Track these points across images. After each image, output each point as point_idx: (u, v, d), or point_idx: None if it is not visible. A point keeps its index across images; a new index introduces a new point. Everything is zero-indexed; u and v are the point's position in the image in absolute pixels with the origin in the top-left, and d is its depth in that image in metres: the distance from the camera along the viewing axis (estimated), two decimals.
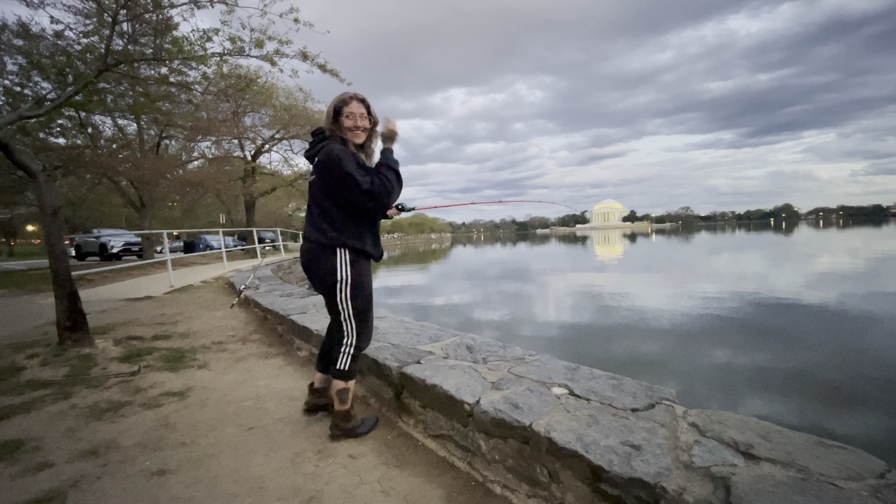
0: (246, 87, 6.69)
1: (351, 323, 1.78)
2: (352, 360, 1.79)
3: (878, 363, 4.88)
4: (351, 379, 1.80)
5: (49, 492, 1.50)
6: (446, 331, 2.70)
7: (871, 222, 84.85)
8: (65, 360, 2.98)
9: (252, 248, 14.21)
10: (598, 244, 38.89)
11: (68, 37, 4.79)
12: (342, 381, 1.78)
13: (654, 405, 1.47)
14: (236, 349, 3.41)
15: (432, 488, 1.50)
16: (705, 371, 4.99)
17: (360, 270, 1.77)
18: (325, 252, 1.74)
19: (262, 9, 4.54)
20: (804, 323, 6.83)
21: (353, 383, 1.82)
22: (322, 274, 1.75)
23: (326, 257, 1.73)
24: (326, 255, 1.73)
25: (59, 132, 9.85)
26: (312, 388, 2.06)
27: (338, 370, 1.78)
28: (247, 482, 1.56)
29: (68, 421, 2.09)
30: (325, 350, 2.02)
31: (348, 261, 1.74)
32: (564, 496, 1.27)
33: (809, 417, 3.82)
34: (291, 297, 4.71)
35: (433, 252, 37.71)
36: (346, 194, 1.69)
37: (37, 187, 3.32)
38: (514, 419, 1.42)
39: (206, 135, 14.49)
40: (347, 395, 1.81)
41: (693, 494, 1.00)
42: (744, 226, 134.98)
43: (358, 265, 1.77)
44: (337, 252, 1.73)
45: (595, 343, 6.34)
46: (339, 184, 1.67)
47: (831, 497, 0.94)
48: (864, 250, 18.71)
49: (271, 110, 14.34)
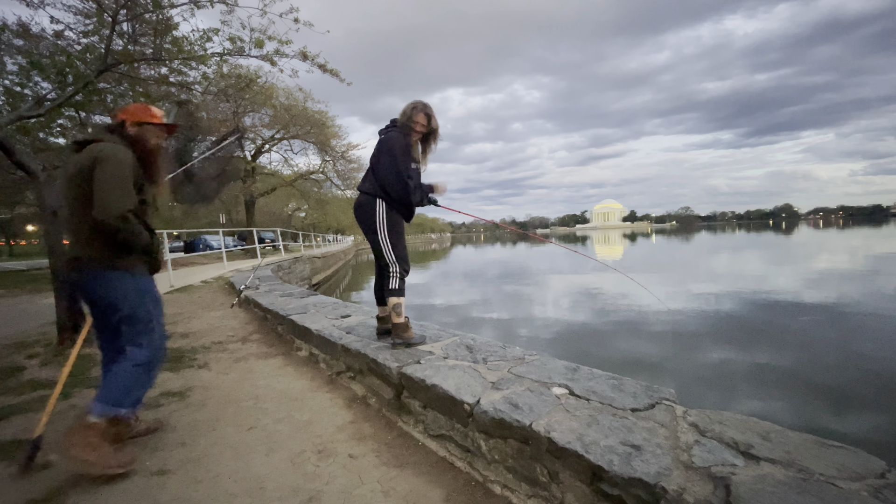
0: (246, 87, 6.69)
1: (391, 254, 2.37)
2: (399, 280, 2.37)
3: (879, 363, 4.88)
4: (401, 295, 2.35)
5: (49, 492, 1.50)
6: (446, 331, 2.70)
7: (871, 222, 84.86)
8: (65, 360, 2.98)
9: (252, 248, 14.21)
10: (597, 244, 38.88)
11: (68, 37, 4.79)
12: (395, 297, 2.33)
13: (654, 405, 1.47)
14: (236, 349, 3.40)
15: (432, 488, 1.50)
16: (705, 371, 4.99)
17: (392, 217, 2.38)
18: (368, 200, 2.38)
19: (262, 9, 4.54)
20: (806, 323, 6.83)
21: (403, 299, 2.36)
22: (365, 218, 2.40)
23: (370, 205, 2.38)
24: (370, 202, 2.38)
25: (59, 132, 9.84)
26: (379, 317, 2.63)
27: (390, 289, 2.35)
28: (247, 482, 1.56)
29: (68, 421, 2.09)
30: (377, 287, 2.61)
31: (384, 209, 2.36)
32: (564, 496, 1.27)
33: (809, 418, 3.82)
34: (291, 297, 4.71)
35: (433, 252, 37.69)
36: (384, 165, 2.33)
37: (37, 187, 3.32)
38: (514, 419, 1.42)
39: (206, 135, 14.46)
40: (401, 309, 2.35)
41: (693, 494, 1.00)
42: (744, 226, 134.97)
43: (391, 213, 2.38)
44: (377, 201, 2.36)
45: (595, 343, 6.34)
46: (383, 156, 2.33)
47: (831, 497, 0.94)
48: (866, 250, 18.71)
49: (271, 110, 14.33)
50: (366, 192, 2.41)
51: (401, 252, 2.41)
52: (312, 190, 20.79)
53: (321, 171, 19.38)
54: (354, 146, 18.41)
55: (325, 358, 2.82)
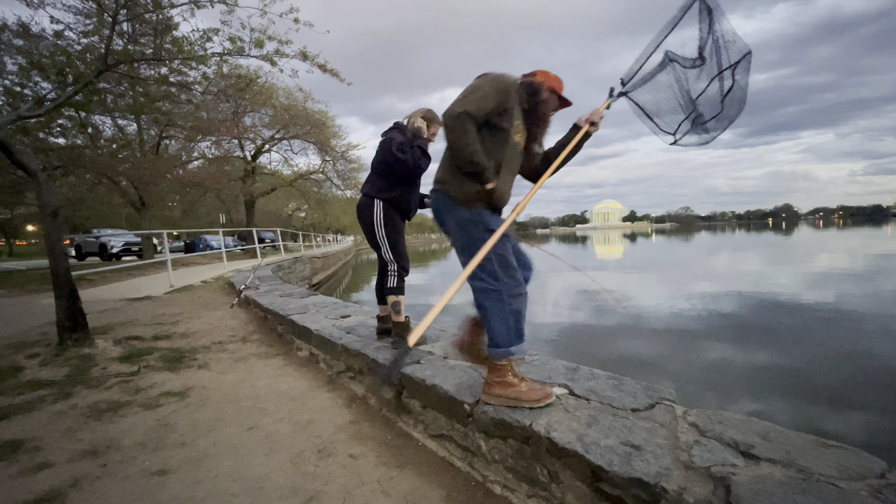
0: (246, 87, 6.70)
1: (389, 252, 2.43)
2: (398, 279, 2.42)
3: (879, 363, 4.88)
4: (401, 293, 2.40)
5: (49, 492, 1.50)
6: (446, 331, 2.70)
7: (871, 222, 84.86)
8: (65, 360, 2.98)
9: (252, 248, 14.21)
10: (597, 244, 38.88)
11: (68, 37, 4.79)
12: (394, 296, 2.38)
13: (655, 405, 1.47)
14: (236, 349, 3.40)
15: (432, 488, 1.50)
16: (704, 371, 4.99)
17: (389, 216, 2.43)
18: (367, 202, 2.45)
19: (262, 9, 4.54)
20: (811, 324, 6.83)
21: (403, 297, 2.40)
22: (365, 218, 2.46)
23: (368, 205, 2.44)
24: (368, 203, 2.45)
25: (59, 132, 9.83)
26: (379, 316, 2.64)
27: (390, 287, 2.40)
28: (247, 482, 1.56)
29: (68, 421, 2.09)
30: (378, 286, 2.64)
31: (381, 209, 2.42)
32: (564, 496, 1.27)
33: (810, 417, 3.82)
34: (291, 297, 4.71)
35: (433, 252, 37.69)
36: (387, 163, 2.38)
37: (37, 187, 3.32)
38: (513, 419, 1.42)
39: (206, 135, 14.47)
40: (400, 307, 2.39)
41: (693, 494, 1.00)
42: (744, 226, 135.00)
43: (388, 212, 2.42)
44: (374, 202, 2.42)
45: (595, 343, 6.34)
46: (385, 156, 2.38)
47: (831, 497, 0.94)
48: (866, 250, 18.71)
49: (271, 110, 14.34)
50: (365, 194, 2.50)
51: (400, 251, 2.46)
52: (312, 190, 20.80)
53: (321, 171, 19.39)
54: (354, 146, 18.43)
55: (325, 358, 2.82)
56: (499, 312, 1.54)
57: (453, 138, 1.50)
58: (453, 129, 1.48)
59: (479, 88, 1.52)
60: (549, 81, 1.66)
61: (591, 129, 1.72)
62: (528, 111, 1.65)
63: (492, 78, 1.56)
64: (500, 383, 1.54)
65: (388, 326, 2.57)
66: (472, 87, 1.54)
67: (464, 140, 1.47)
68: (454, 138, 1.49)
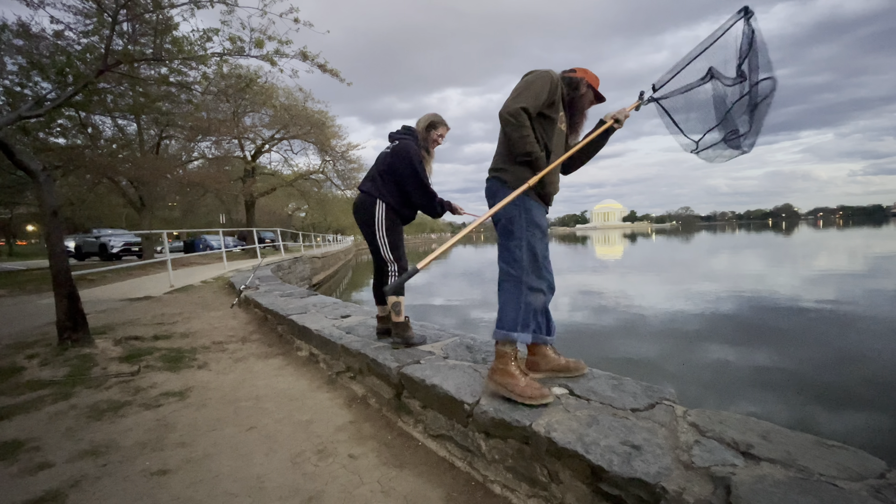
0: (246, 87, 6.69)
1: (389, 253, 2.41)
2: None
3: (879, 363, 4.88)
4: (400, 294, 2.36)
5: (49, 492, 1.50)
6: (446, 331, 2.70)
7: (871, 222, 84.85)
8: (65, 360, 2.98)
9: (252, 248, 14.21)
10: (597, 244, 38.87)
11: (68, 37, 4.79)
12: (394, 297, 2.34)
13: (655, 405, 1.47)
14: (236, 349, 3.40)
15: (432, 488, 1.50)
16: (704, 371, 4.99)
17: (391, 218, 2.42)
18: (368, 200, 2.41)
19: (262, 9, 4.54)
20: (811, 324, 6.83)
21: (402, 298, 2.37)
22: (365, 217, 2.43)
23: (370, 204, 2.41)
24: (370, 202, 2.41)
25: (59, 132, 9.83)
26: (379, 317, 2.62)
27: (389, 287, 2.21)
28: (247, 482, 1.56)
29: (68, 421, 2.09)
30: (376, 286, 2.62)
31: (384, 210, 2.40)
32: (564, 496, 1.27)
33: (810, 417, 3.82)
34: (291, 297, 4.71)
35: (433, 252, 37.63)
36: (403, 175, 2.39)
37: (37, 187, 3.32)
38: (513, 419, 1.42)
39: (206, 135, 14.48)
40: (400, 307, 2.37)
41: (693, 494, 1.00)
42: (744, 226, 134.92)
43: (390, 214, 2.41)
44: (377, 202, 2.39)
45: (595, 343, 6.33)
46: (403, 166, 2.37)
47: (831, 497, 0.94)
48: (866, 250, 18.71)
49: (271, 110, 14.34)
50: (367, 193, 2.44)
51: (399, 251, 2.45)
52: (312, 190, 20.81)
53: (321, 171, 19.39)
54: (354, 146, 18.43)
55: (325, 358, 2.82)
56: (514, 298, 1.66)
57: (511, 131, 1.62)
58: (511, 124, 1.61)
59: (532, 84, 1.66)
60: (588, 78, 1.80)
61: (616, 125, 1.81)
62: (568, 104, 1.78)
63: (541, 74, 1.69)
64: (502, 371, 1.59)
65: (388, 327, 2.56)
66: (524, 83, 1.67)
67: (520, 133, 1.61)
68: (511, 131, 1.62)
